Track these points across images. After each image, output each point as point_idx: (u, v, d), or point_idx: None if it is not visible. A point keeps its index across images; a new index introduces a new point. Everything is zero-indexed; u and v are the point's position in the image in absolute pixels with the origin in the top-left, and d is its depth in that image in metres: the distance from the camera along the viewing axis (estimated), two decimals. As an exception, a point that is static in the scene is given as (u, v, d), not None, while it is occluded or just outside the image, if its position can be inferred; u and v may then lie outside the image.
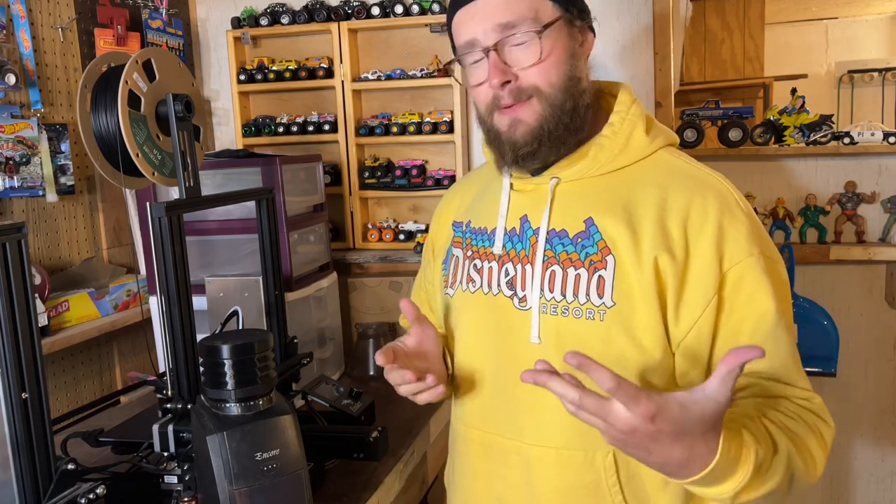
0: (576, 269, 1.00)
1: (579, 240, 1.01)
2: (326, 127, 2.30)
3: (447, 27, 1.10)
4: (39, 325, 0.99)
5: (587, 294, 0.99)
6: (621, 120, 1.06)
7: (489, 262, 1.09)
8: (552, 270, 1.02)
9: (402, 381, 1.03)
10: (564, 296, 1.00)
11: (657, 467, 0.82)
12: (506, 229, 1.08)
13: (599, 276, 0.98)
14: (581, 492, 1.02)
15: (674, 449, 0.78)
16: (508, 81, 1.00)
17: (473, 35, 1.01)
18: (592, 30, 1.08)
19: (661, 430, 0.76)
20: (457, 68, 1.09)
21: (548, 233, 1.03)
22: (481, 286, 1.10)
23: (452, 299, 1.15)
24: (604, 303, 0.98)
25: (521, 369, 1.02)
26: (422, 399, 1.06)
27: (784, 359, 0.98)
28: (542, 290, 1.02)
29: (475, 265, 1.11)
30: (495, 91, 1.01)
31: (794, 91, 2.67)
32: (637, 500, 1.02)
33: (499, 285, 1.07)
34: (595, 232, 1.00)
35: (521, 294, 1.04)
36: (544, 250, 1.03)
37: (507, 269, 1.07)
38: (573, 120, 1.02)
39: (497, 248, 1.08)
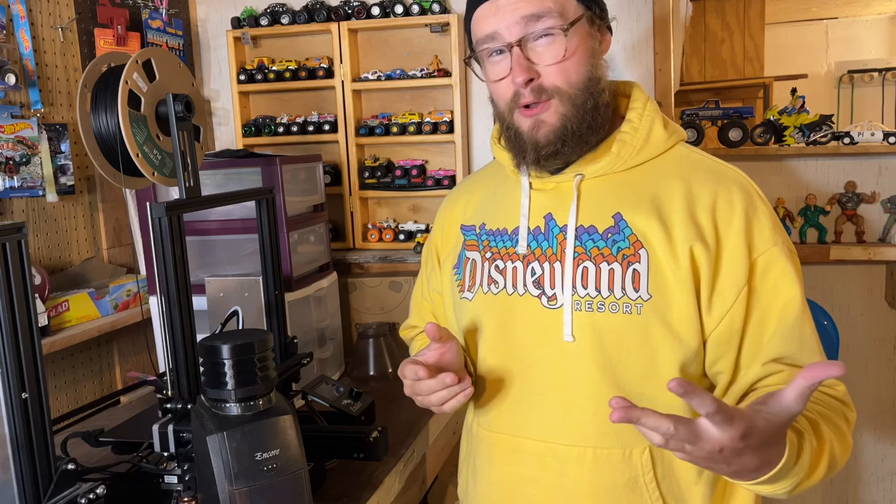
0: (609, 264, 1.00)
1: (610, 235, 1.01)
2: (326, 127, 2.30)
3: (465, 22, 1.09)
4: (39, 325, 0.99)
5: (623, 288, 0.99)
6: (639, 116, 1.06)
7: (513, 263, 1.08)
8: (584, 266, 1.01)
9: (442, 386, 1.00)
10: (599, 291, 1.00)
11: (728, 474, 0.83)
12: (529, 228, 1.07)
13: (634, 269, 0.99)
14: (619, 490, 1.02)
15: (752, 459, 0.79)
16: (532, 79, 1.00)
17: (496, 29, 1.01)
18: (610, 29, 1.09)
19: (748, 445, 0.77)
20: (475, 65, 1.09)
21: (576, 229, 1.03)
22: (505, 287, 1.08)
23: (472, 303, 1.12)
24: (640, 296, 0.98)
25: (552, 369, 1.03)
26: (450, 406, 1.03)
27: (811, 345, 1.00)
28: (574, 286, 1.01)
29: (496, 266, 1.10)
30: (517, 88, 1.01)
31: (794, 91, 2.68)
32: (673, 496, 1.02)
33: (525, 285, 1.06)
34: (625, 227, 1.01)
35: (549, 293, 1.03)
36: (574, 247, 1.02)
37: (532, 269, 1.05)
38: (595, 118, 1.03)
39: (521, 248, 1.07)
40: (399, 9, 2.20)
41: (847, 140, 2.39)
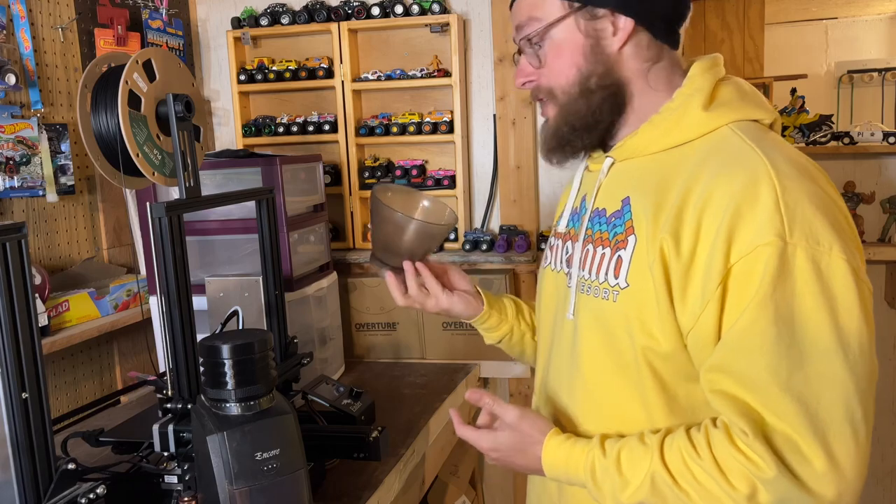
0: (603, 248, 1.00)
1: (614, 219, 1.00)
2: (326, 127, 2.30)
3: None
4: (39, 325, 0.99)
5: (606, 273, 0.99)
6: (681, 94, 0.99)
7: (557, 240, 1.15)
8: (587, 249, 1.04)
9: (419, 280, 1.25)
10: (591, 274, 1.02)
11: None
12: (574, 209, 1.13)
13: (619, 255, 0.97)
14: None
15: (515, 463, 1.05)
16: (530, 81, 1.05)
17: (513, 34, 1.07)
18: (632, 9, 0.98)
19: (500, 455, 1.05)
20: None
21: (592, 212, 1.05)
22: (550, 262, 1.16)
23: (538, 275, 1.24)
24: (618, 283, 0.96)
25: (561, 344, 1.11)
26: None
27: (750, 360, 0.86)
28: (580, 268, 1.05)
29: (550, 243, 1.19)
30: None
31: (793, 91, 2.67)
32: None
33: (561, 262, 1.12)
34: (627, 211, 0.98)
35: (568, 271, 1.09)
36: (586, 229, 1.05)
37: (567, 248, 1.11)
38: (586, 120, 1.01)
39: (561, 227, 1.15)
40: (399, 9, 2.20)
41: (847, 140, 2.39)
